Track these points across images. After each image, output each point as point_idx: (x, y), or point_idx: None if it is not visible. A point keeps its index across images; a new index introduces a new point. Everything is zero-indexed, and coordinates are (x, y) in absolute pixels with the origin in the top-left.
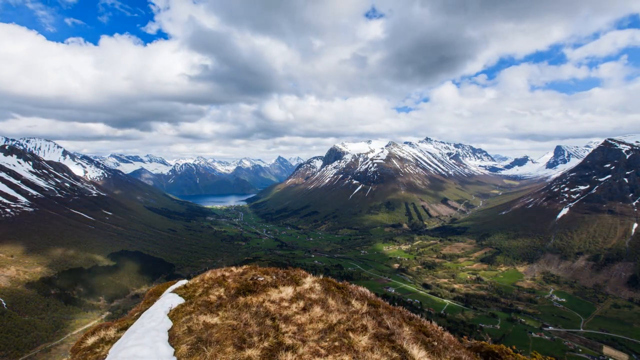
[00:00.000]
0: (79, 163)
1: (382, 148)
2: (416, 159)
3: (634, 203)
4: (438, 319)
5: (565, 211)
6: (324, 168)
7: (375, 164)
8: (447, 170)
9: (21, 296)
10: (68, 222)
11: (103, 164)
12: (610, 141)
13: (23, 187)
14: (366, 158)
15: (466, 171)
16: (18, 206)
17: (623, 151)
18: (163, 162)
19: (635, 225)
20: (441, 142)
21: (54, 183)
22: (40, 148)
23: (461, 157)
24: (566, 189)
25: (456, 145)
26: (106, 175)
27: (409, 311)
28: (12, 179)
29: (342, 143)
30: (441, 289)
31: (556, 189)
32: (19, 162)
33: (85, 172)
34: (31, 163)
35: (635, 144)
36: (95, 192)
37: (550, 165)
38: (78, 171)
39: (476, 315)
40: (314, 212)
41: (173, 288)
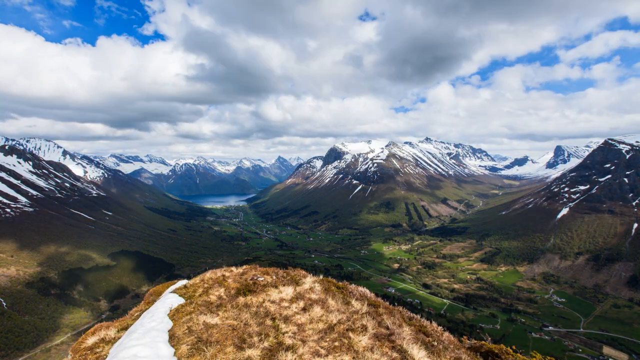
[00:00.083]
0: (79, 163)
1: (382, 148)
2: (416, 159)
3: (634, 203)
4: (438, 319)
5: (565, 211)
6: (324, 168)
7: (375, 164)
8: (447, 170)
9: (21, 296)
10: (68, 222)
11: (103, 164)
12: (610, 141)
13: (23, 187)
14: (366, 158)
15: (466, 171)
16: (18, 206)
17: (623, 151)
18: (163, 162)
19: (635, 225)
20: (441, 142)
21: (54, 183)
22: (40, 148)
23: (461, 157)
24: (566, 189)
25: (456, 145)
26: (106, 175)
27: (409, 311)
28: (12, 179)
29: (342, 143)
30: (441, 289)
31: (556, 189)
32: (19, 162)
33: (85, 172)
34: (31, 163)
35: (635, 144)
36: (95, 192)
37: (550, 165)
38: (78, 171)
39: (476, 315)
40: (314, 212)
41: (173, 288)
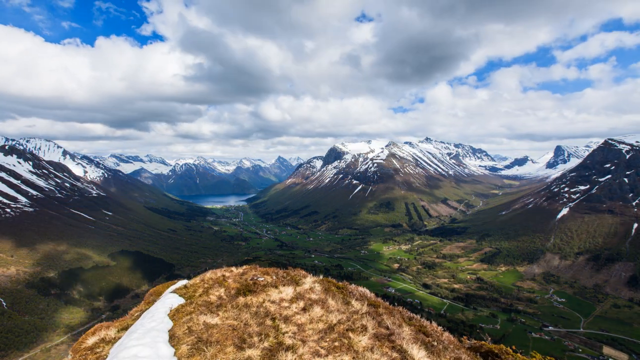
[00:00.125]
0: (79, 163)
1: (382, 148)
2: (416, 159)
3: (634, 203)
4: (438, 319)
5: (565, 211)
6: (324, 168)
7: (375, 164)
8: (447, 170)
9: (21, 296)
10: (68, 222)
11: (103, 164)
12: (610, 141)
13: (23, 187)
14: (366, 158)
15: (466, 171)
16: (18, 206)
17: (623, 151)
18: (163, 162)
19: (635, 225)
20: (441, 142)
21: (54, 183)
22: (40, 148)
23: (461, 157)
24: (566, 189)
25: (456, 145)
26: (106, 175)
27: (409, 311)
28: (12, 179)
29: (342, 143)
30: (441, 289)
31: (556, 189)
32: (19, 162)
33: (85, 172)
34: (31, 163)
35: (635, 144)
36: (95, 192)
37: (550, 165)
38: (78, 171)
39: (476, 315)
40: (314, 212)
41: (173, 288)
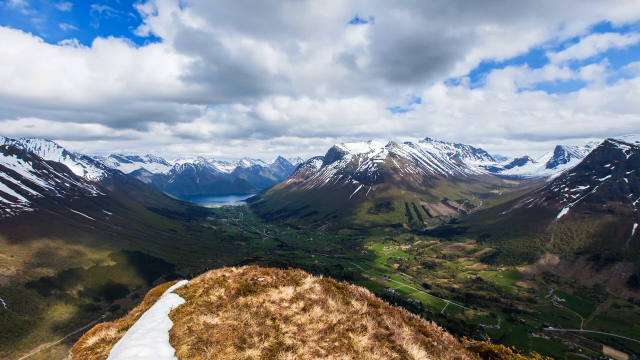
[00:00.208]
0: (79, 163)
1: (382, 148)
2: (416, 159)
3: (634, 203)
4: (438, 319)
5: (565, 211)
6: (324, 168)
7: (375, 164)
8: (448, 170)
9: (21, 296)
10: (68, 222)
11: (103, 164)
12: (610, 141)
13: (23, 187)
14: (366, 158)
15: (466, 171)
16: (18, 206)
17: (623, 151)
18: (163, 162)
19: (635, 225)
20: (441, 142)
21: (54, 183)
22: (40, 148)
23: (461, 157)
24: (566, 189)
25: (456, 145)
26: (106, 175)
27: (409, 311)
28: (12, 179)
29: (342, 143)
30: (441, 289)
31: (556, 189)
32: (19, 162)
33: (85, 172)
34: (31, 163)
35: (635, 144)
36: (95, 192)
37: (550, 165)
38: (78, 171)
39: (476, 315)
40: (314, 212)
41: (173, 288)
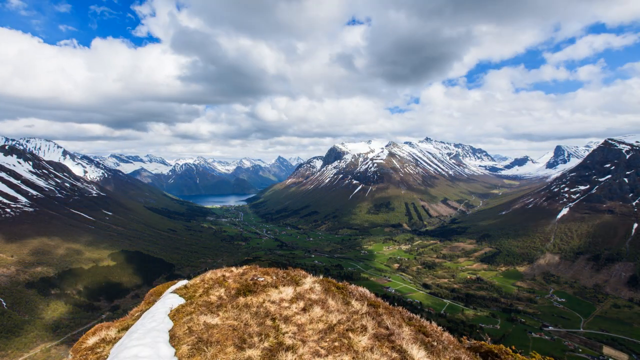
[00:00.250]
0: (79, 163)
1: (382, 148)
2: (416, 159)
3: (634, 203)
4: (438, 319)
5: (565, 211)
6: (324, 168)
7: (375, 164)
8: (448, 170)
9: (21, 296)
10: (68, 222)
11: (103, 164)
12: (610, 141)
13: (23, 187)
14: (366, 158)
15: (466, 171)
16: (18, 206)
17: (623, 151)
18: (163, 162)
19: (635, 225)
20: (441, 142)
21: (54, 183)
22: (40, 148)
23: (461, 157)
24: (566, 189)
25: (456, 145)
26: (106, 175)
27: (409, 311)
28: (12, 179)
29: (342, 143)
30: (441, 289)
31: (556, 189)
32: (19, 162)
33: (85, 172)
34: (31, 163)
35: (635, 144)
36: (95, 192)
37: (550, 165)
38: (78, 171)
39: (476, 315)
40: (314, 212)
41: (173, 288)
